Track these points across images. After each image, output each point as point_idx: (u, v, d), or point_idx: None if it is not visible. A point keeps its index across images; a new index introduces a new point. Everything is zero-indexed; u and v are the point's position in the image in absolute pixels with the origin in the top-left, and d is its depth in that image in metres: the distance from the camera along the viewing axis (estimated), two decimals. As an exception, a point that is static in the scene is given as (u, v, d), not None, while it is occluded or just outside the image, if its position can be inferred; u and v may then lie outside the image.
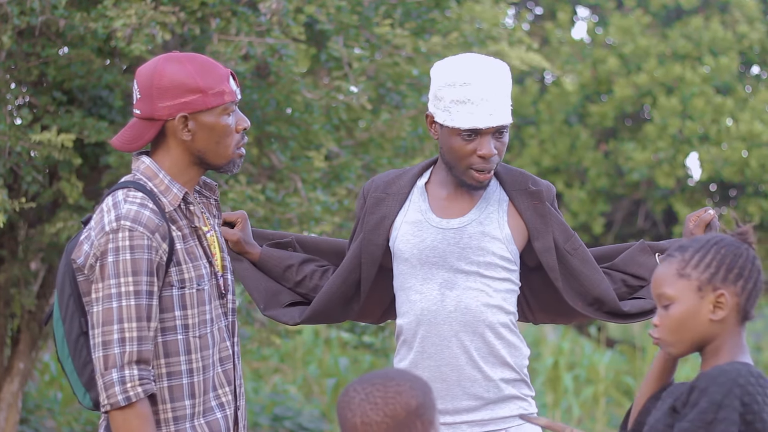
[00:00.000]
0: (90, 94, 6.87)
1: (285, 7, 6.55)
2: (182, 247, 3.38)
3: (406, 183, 3.97)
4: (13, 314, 7.51)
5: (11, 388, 7.46)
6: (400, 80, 7.58)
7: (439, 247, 3.85)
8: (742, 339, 2.97)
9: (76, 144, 6.65)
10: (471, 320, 3.82)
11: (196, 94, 3.39)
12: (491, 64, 3.83)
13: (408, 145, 7.80)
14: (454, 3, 7.93)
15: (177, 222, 3.39)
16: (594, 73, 16.28)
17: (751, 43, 15.87)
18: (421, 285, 3.86)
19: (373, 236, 3.94)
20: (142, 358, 3.26)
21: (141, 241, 3.27)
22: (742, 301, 2.92)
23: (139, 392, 3.25)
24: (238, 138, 3.46)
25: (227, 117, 3.43)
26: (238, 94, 3.47)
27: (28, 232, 7.23)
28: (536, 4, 18.26)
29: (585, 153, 16.16)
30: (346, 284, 3.98)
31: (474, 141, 3.81)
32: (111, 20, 6.15)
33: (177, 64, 3.42)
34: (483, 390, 3.83)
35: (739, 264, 2.92)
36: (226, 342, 3.48)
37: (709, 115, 15.17)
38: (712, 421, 2.83)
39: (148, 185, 3.39)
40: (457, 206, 3.91)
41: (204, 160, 3.45)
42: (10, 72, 6.53)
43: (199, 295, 3.39)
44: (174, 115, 3.40)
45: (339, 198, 7.36)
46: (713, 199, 16.37)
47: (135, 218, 3.30)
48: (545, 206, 3.90)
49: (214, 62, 3.47)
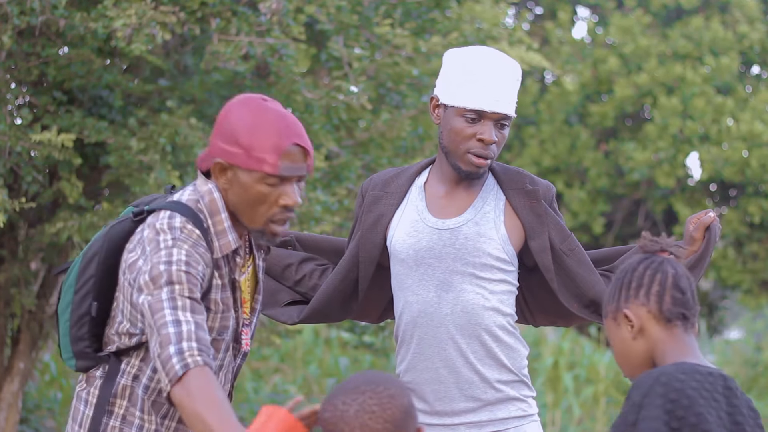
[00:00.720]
0: (90, 94, 6.87)
1: (285, 7, 6.55)
2: (218, 296, 3.28)
3: (404, 181, 3.96)
4: (13, 314, 7.51)
5: (11, 387, 7.46)
6: (401, 80, 7.58)
7: (435, 247, 3.84)
8: (679, 343, 2.93)
9: (76, 144, 6.65)
10: (467, 323, 3.80)
11: (240, 149, 3.23)
12: (504, 57, 3.86)
13: (408, 145, 7.80)
14: (455, 3, 7.93)
15: (220, 270, 3.29)
16: (594, 72, 16.29)
17: (751, 43, 15.87)
18: (417, 286, 3.84)
19: (371, 235, 3.93)
20: (200, 339, 3.08)
21: (197, 266, 3.16)
22: (652, 307, 2.91)
23: (197, 360, 3.05)
24: (276, 211, 3.26)
25: (265, 186, 3.24)
26: (291, 170, 3.23)
27: (28, 232, 7.23)
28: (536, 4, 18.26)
29: (585, 153, 16.16)
30: (345, 283, 3.97)
31: (476, 125, 3.80)
32: (111, 20, 6.15)
33: (245, 110, 3.25)
34: (480, 392, 3.82)
35: (635, 277, 2.93)
36: (228, 384, 3.44)
37: (710, 115, 15.18)
38: (635, 422, 2.82)
39: (207, 222, 3.28)
40: (453, 205, 3.89)
41: (236, 215, 3.31)
42: (11, 72, 6.53)
43: (216, 344, 3.31)
44: (217, 158, 3.26)
45: (339, 198, 7.36)
46: (713, 199, 16.37)
47: (191, 249, 3.19)
48: (542, 205, 3.89)
49: (288, 125, 3.25)
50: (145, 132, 6.58)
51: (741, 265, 15.71)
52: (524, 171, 3.95)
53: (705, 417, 2.82)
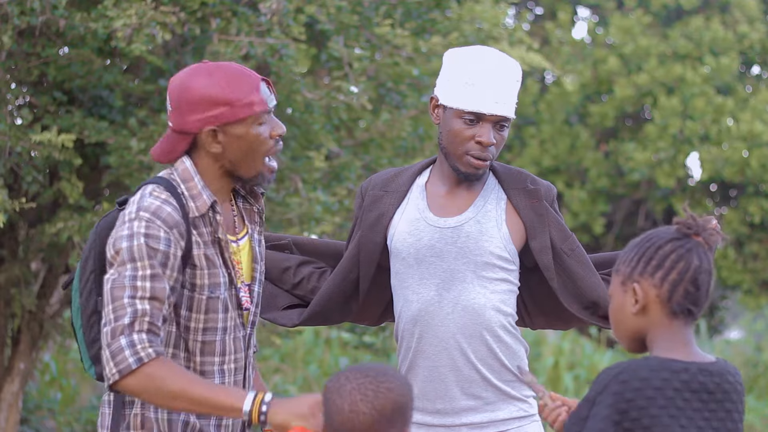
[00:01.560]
0: (90, 94, 6.87)
1: (285, 7, 6.55)
2: (201, 252, 3.37)
3: (405, 181, 3.95)
4: (13, 314, 7.51)
5: (11, 388, 7.46)
6: (401, 80, 7.58)
7: (437, 246, 3.83)
8: (676, 334, 2.90)
9: (77, 144, 6.65)
10: (468, 322, 3.80)
11: (224, 107, 3.36)
12: (504, 58, 3.84)
13: (408, 145, 7.80)
14: (455, 3, 7.93)
15: (199, 228, 3.38)
16: (594, 73, 16.29)
17: (751, 43, 15.88)
18: (418, 285, 3.84)
19: (371, 234, 3.92)
20: (152, 329, 3.22)
21: (158, 232, 3.28)
22: (663, 293, 2.87)
23: (150, 353, 3.17)
24: (271, 144, 3.43)
25: (258, 127, 3.40)
26: (270, 101, 3.43)
27: (29, 232, 7.23)
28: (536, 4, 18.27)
29: (585, 153, 16.16)
30: (345, 283, 3.97)
31: (474, 126, 3.80)
32: (111, 20, 6.15)
33: (205, 76, 3.38)
34: (481, 390, 3.82)
35: (659, 255, 2.87)
36: (242, 353, 3.47)
37: (710, 115, 15.18)
38: (585, 417, 2.82)
39: (180, 187, 3.39)
40: (455, 204, 3.89)
41: (234, 172, 3.43)
42: (11, 72, 6.53)
43: (211, 302, 3.38)
44: (203, 128, 3.37)
45: (339, 198, 7.36)
46: (714, 199, 16.38)
47: (155, 212, 3.31)
48: (543, 205, 3.88)
49: (245, 71, 3.42)
50: (146, 132, 6.58)
51: (741, 265, 15.71)
52: (525, 171, 3.95)
53: (661, 419, 2.79)
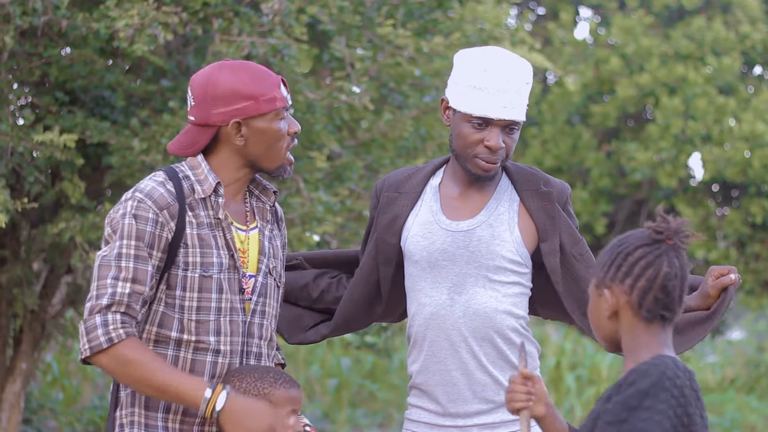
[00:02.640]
0: (92, 94, 6.87)
1: (287, 8, 6.55)
2: (194, 232, 3.51)
3: (418, 182, 3.94)
4: (15, 314, 7.51)
5: (14, 388, 7.47)
6: (403, 80, 7.58)
7: (449, 250, 3.82)
8: (652, 337, 2.91)
9: (79, 144, 6.65)
10: (480, 326, 3.79)
11: (249, 101, 3.53)
12: (513, 60, 3.81)
13: (410, 146, 7.79)
14: (457, 3, 7.92)
15: (196, 210, 3.52)
16: (596, 73, 16.28)
17: (753, 44, 15.86)
18: (431, 288, 3.83)
19: (386, 236, 3.91)
20: (129, 312, 3.41)
21: (146, 213, 3.45)
22: (633, 300, 2.88)
23: (120, 333, 3.38)
24: (288, 140, 3.61)
25: (279, 122, 3.57)
26: (288, 99, 3.60)
27: (31, 233, 7.24)
28: (538, 5, 18.26)
29: (587, 153, 16.16)
30: (368, 286, 3.96)
31: (483, 131, 3.78)
32: (113, 20, 6.15)
33: (230, 72, 3.55)
34: (493, 394, 3.81)
35: (628, 262, 2.89)
36: (238, 338, 3.54)
37: (712, 116, 15.17)
38: (635, 408, 2.80)
39: (185, 172, 3.56)
40: (467, 207, 3.87)
41: (256, 164, 3.60)
42: (13, 72, 6.53)
43: (204, 281, 3.50)
44: (227, 121, 3.53)
45: (341, 198, 7.36)
46: (715, 200, 16.37)
47: (148, 193, 3.48)
48: (555, 207, 3.86)
49: (266, 69, 3.60)
50: (148, 132, 6.59)
51: (743, 266, 15.70)
52: (539, 171, 3.92)
53: (694, 418, 2.83)
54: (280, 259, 3.69)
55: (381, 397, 12.72)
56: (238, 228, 3.59)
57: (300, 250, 7.12)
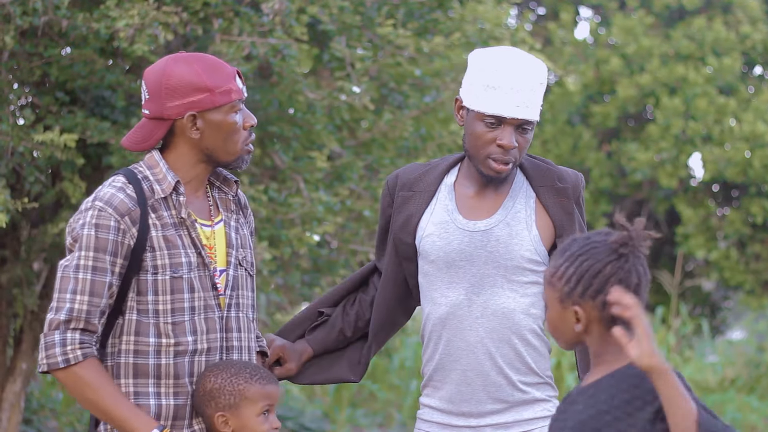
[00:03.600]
0: (93, 94, 6.87)
1: (288, 8, 6.55)
2: (159, 234, 3.48)
3: (433, 180, 3.90)
4: (15, 314, 7.51)
5: (14, 388, 7.46)
6: (403, 80, 7.57)
7: (466, 250, 3.79)
8: (610, 345, 2.90)
9: (79, 144, 6.65)
10: (498, 327, 3.77)
11: (204, 93, 3.48)
12: (528, 59, 3.80)
13: (410, 146, 7.79)
14: (457, 3, 7.92)
15: (158, 211, 3.49)
16: (597, 73, 16.28)
17: (753, 44, 15.87)
18: (447, 288, 3.81)
19: (402, 235, 3.88)
20: (87, 328, 3.42)
21: (107, 221, 3.43)
22: (606, 315, 2.87)
23: (78, 355, 3.39)
24: (245, 135, 3.56)
25: (235, 115, 3.52)
26: (244, 92, 3.56)
27: (31, 233, 7.24)
28: (539, 5, 18.26)
29: (588, 153, 16.16)
30: (396, 285, 3.93)
31: (496, 130, 3.76)
32: (113, 20, 6.15)
33: (185, 64, 3.51)
34: (507, 394, 3.80)
35: (598, 280, 2.85)
36: (215, 334, 3.53)
37: (712, 116, 15.17)
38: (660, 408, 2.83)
39: (144, 173, 3.52)
40: (484, 206, 3.85)
41: (213, 157, 3.55)
42: (13, 72, 6.53)
43: (175, 282, 3.48)
44: (183, 114, 3.49)
45: (341, 198, 7.36)
46: (716, 200, 16.37)
47: (107, 200, 3.46)
48: (571, 203, 3.84)
49: (221, 61, 3.56)
50: (148, 132, 6.58)
51: (743, 266, 15.70)
52: (552, 165, 3.91)
53: None
54: (249, 248, 3.68)
55: (381, 397, 12.71)
56: (202, 224, 3.57)
57: (300, 249, 7.12)
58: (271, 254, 6.82)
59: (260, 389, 3.46)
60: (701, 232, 15.71)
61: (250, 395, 3.45)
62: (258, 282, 7.41)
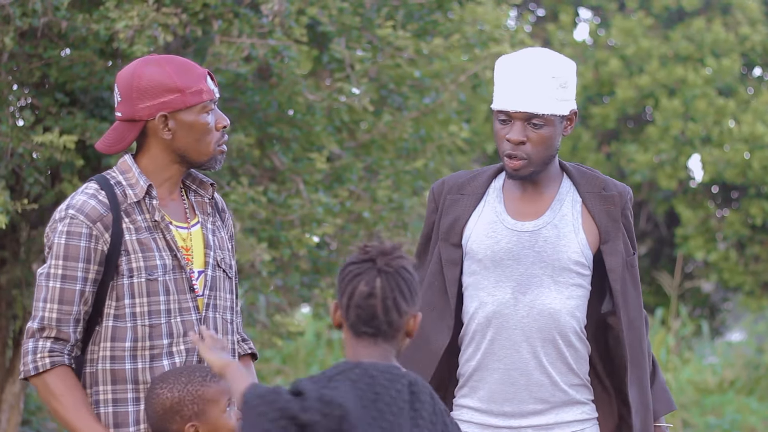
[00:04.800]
0: (92, 95, 6.87)
1: (287, 9, 6.55)
2: (133, 237, 3.49)
3: (482, 183, 3.93)
4: (15, 316, 7.50)
5: (13, 389, 7.46)
6: (402, 82, 7.58)
7: (514, 249, 3.81)
8: (367, 349, 3.02)
9: (78, 145, 6.65)
10: (543, 326, 3.78)
11: (175, 94, 3.50)
12: (539, 54, 3.85)
13: (410, 147, 7.80)
14: (457, 4, 7.93)
15: (132, 215, 3.51)
16: (596, 74, 16.28)
17: (753, 45, 15.87)
18: (494, 287, 3.81)
19: (449, 236, 3.89)
20: (60, 336, 3.45)
21: (79, 228, 3.45)
22: (344, 315, 3.03)
23: (46, 363, 3.42)
24: (218, 136, 3.57)
25: (206, 115, 3.53)
26: (216, 93, 3.57)
27: (30, 234, 7.23)
28: (538, 6, 18.26)
29: (587, 154, 16.16)
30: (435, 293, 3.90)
31: (507, 126, 3.81)
32: (113, 22, 6.15)
33: (155, 65, 3.53)
34: (549, 394, 3.80)
35: (340, 278, 3.04)
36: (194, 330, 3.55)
37: (711, 117, 15.17)
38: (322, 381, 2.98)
39: (117, 178, 3.54)
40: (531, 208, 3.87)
41: (186, 158, 3.56)
42: (12, 73, 6.53)
43: (151, 284, 3.49)
44: (154, 115, 3.50)
45: (341, 199, 7.36)
46: (715, 201, 16.37)
47: (79, 208, 3.47)
48: (618, 211, 3.85)
49: (191, 63, 3.57)
50: (147, 134, 6.58)
51: (743, 267, 15.70)
52: (600, 174, 3.92)
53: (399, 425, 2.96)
54: (228, 250, 3.68)
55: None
56: (178, 226, 3.57)
57: (299, 251, 7.13)
58: (270, 255, 6.82)
59: (217, 387, 3.45)
60: (701, 234, 15.71)
61: (211, 396, 3.44)
62: (257, 283, 7.41)
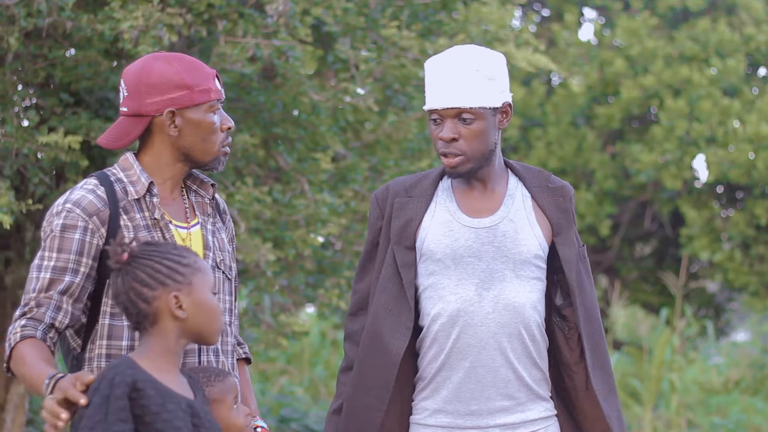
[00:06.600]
0: (97, 95, 6.88)
1: (292, 9, 6.55)
2: (131, 235, 3.48)
3: (429, 184, 3.91)
4: (20, 316, 7.51)
5: (18, 389, 7.47)
6: (407, 82, 7.58)
7: (474, 246, 3.80)
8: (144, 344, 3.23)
9: (83, 146, 6.66)
10: (509, 321, 3.78)
11: (184, 91, 3.49)
12: (464, 51, 3.82)
13: (415, 147, 7.80)
14: (461, 5, 7.93)
15: (130, 213, 3.50)
16: (601, 74, 16.28)
17: (758, 45, 15.86)
18: (456, 285, 3.80)
19: (402, 240, 3.86)
20: (35, 317, 3.43)
21: (75, 222, 3.45)
22: None
23: (17, 337, 3.41)
24: (222, 137, 3.56)
25: (213, 115, 3.53)
26: (222, 93, 3.58)
27: (35, 234, 7.24)
28: (543, 6, 18.26)
29: (592, 155, 16.15)
30: (386, 294, 3.85)
31: (440, 125, 3.82)
32: (118, 22, 6.15)
33: (164, 62, 3.52)
34: (515, 390, 3.80)
35: None
36: None
37: (716, 117, 15.16)
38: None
39: (117, 175, 3.53)
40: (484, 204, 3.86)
41: (190, 156, 3.55)
42: (17, 74, 6.54)
43: None
44: (161, 110, 3.49)
45: (346, 200, 7.36)
46: (720, 201, 16.36)
47: (76, 202, 3.47)
48: (566, 202, 3.88)
49: (200, 62, 3.57)
50: (152, 134, 6.58)
51: (748, 268, 15.69)
52: (543, 170, 3.94)
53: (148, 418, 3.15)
54: (227, 252, 3.66)
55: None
56: (178, 226, 3.56)
57: (304, 251, 7.13)
58: (275, 255, 6.82)
59: (221, 386, 3.46)
60: (705, 234, 15.70)
61: (216, 395, 3.46)
62: (262, 283, 7.42)
